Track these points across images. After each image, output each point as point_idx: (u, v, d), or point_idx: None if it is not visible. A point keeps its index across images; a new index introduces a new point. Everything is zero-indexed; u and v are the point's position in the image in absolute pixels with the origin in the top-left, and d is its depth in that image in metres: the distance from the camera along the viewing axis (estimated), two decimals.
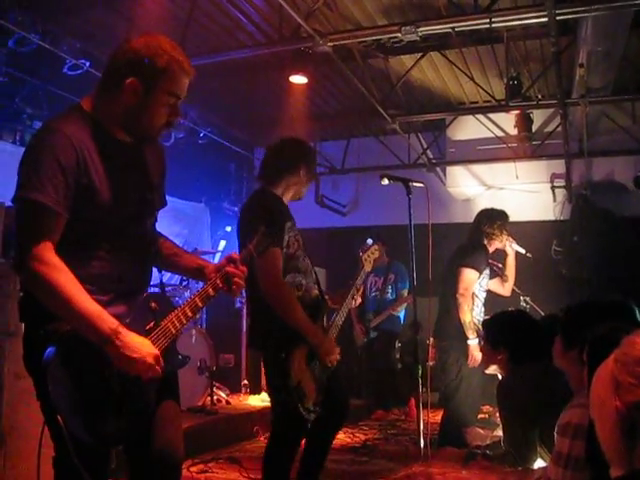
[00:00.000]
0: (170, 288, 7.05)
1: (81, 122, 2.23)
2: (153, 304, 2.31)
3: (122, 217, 2.29)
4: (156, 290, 2.56)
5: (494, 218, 5.67)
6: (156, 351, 2.16)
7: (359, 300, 3.97)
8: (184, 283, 7.25)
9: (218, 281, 2.44)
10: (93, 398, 2.11)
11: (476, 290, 5.42)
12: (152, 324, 2.23)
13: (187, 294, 7.09)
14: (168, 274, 4.98)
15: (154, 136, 2.39)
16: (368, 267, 3.94)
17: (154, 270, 2.54)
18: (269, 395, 3.66)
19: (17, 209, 2.13)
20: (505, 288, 5.92)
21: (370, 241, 4.01)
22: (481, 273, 5.46)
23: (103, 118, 2.28)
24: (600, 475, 1.63)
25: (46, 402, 2.12)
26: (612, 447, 1.49)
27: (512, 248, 5.83)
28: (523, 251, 5.97)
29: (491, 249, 5.66)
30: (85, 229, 2.21)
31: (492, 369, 3.65)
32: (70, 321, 2.10)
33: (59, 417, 2.04)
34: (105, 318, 2.09)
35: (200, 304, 2.39)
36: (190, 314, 2.35)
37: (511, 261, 5.87)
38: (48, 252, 2.08)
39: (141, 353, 2.11)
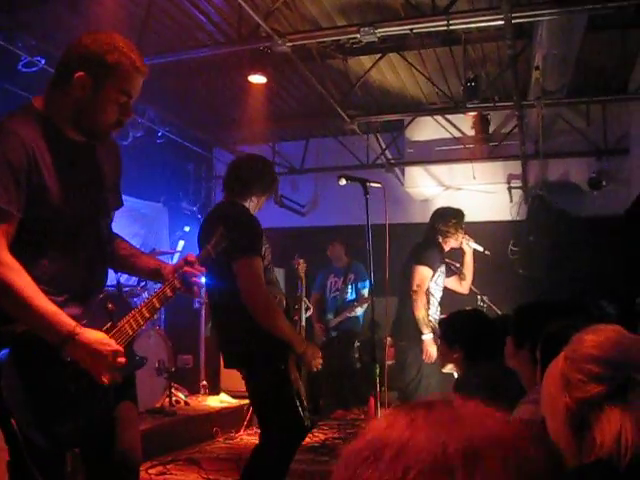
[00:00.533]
0: (127, 289, 6.98)
1: (32, 121, 2.20)
2: (110, 305, 2.29)
3: (75, 217, 2.27)
4: (113, 289, 2.54)
5: (448, 216, 5.73)
6: (117, 346, 2.14)
7: (311, 310, 4.05)
8: (142, 284, 7.18)
9: (176, 282, 2.43)
10: (48, 400, 2.08)
11: (432, 288, 5.48)
12: (109, 325, 2.21)
13: (145, 295, 7.03)
14: (126, 275, 4.94)
15: (104, 134, 2.35)
16: (304, 279, 4.06)
17: (111, 271, 2.52)
18: (262, 411, 3.58)
19: None
20: (463, 286, 5.98)
21: (297, 256, 4.18)
22: (435, 271, 5.51)
23: (54, 117, 2.25)
24: None
25: (0, 404, 2.09)
26: (562, 442, 1.52)
27: (469, 246, 5.90)
28: (481, 249, 6.04)
29: (446, 247, 5.72)
30: (38, 229, 2.18)
31: (449, 368, 3.69)
32: (26, 322, 2.07)
33: (12, 420, 2.01)
34: (62, 318, 2.06)
35: (157, 305, 2.38)
36: (147, 315, 2.34)
37: (469, 259, 5.94)
38: (1, 252, 2.04)
39: (102, 350, 2.09)
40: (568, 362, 1.53)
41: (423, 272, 5.42)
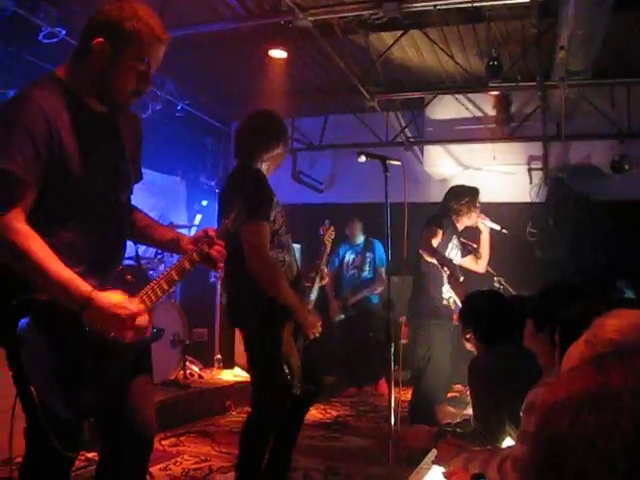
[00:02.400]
0: (145, 261, 7.01)
1: (55, 91, 2.18)
2: (128, 276, 2.30)
3: (96, 189, 2.26)
4: (132, 263, 2.54)
5: (462, 194, 5.67)
6: (137, 308, 2.14)
7: (326, 279, 4.01)
8: (159, 256, 7.22)
9: (195, 255, 2.43)
10: (66, 368, 2.09)
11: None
12: (128, 297, 2.21)
13: (162, 267, 7.06)
14: (143, 247, 4.94)
15: (123, 103, 2.33)
16: (329, 247, 4.00)
17: (130, 243, 2.52)
18: (253, 372, 3.64)
19: None
20: (479, 265, 5.93)
21: (327, 222, 4.09)
22: (444, 234, 5.44)
23: (77, 86, 2.24)
24: None
25: (18, 372, 2.10)
26: None
27: (485, 225, 5.84)
28: (498, 227, 5.98)
29: (460, 226, 5.67)
30: (58, 200, 2.17)
31: (469, 346, 3.69)
32: (44, 287, 2.07)
33: (32, 387, 2.02)
34: (79, 283, 2.06)
35: (176, 277, 2.38)
36: (166, 287, 2.34)
37: (485, 238, 5.88)
38: (18, 221, 2.04)
39: (120, 313, 2.09)
40: (589, 346, 1.50)
41: (430, 232, 5.37)
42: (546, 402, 0.87)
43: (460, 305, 4.45)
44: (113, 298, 2.11)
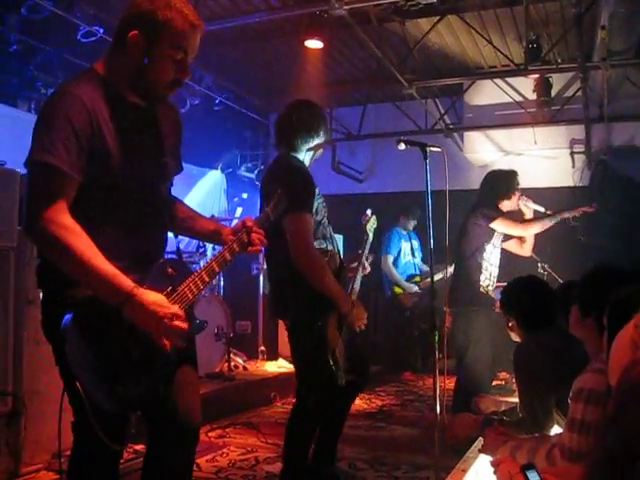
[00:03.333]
0: (187, 255, 7.07)
1: (94, 85, 2.19)
2: (170, 270, 2.29)
3: (137, 182, 2.26)
4: (173, 256, 2.55)
5: (499, 179, 5.58)
6: (175, 309, 2.13)
7: (368, 269, 3.98)
8: (200, 250, 7.26)
9: (235, 245, 2.43)
10: (111, 363, 2.10)
11: (486, 252, 5.35)
12: (169, 289, 2.21)
13: (203, 261, 7.11)
14: (185, 240, 4.95)
15: (162, 94, 2.32)
16: (371, 236, 3.97)
17: (170, 236, 2.53)
18: (298, 364, 3.64)
19: (29, 172, 2.11)
20: (524, 248, 5.82)
21: (369, 211, 4.05)
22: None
23: (115, 80, 2.24)
24: None
25: (64, 367, 2.12)
26: None
27: (528, 207, 5.75)
28: (542, 209, 5.88)
29: (503, 210, 5.58)
30: (99, 194, 2.18)
31: (514, 336, 3.64)
32: (85, 283, 2.08)
33: (77, 383, 2.05)
34: (121, 279, 2.06)
35: (217, 269, 2.38)
36: (207, 279, 2.33)
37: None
38: (61, 215, 2.05)
39: (160, 311, 2.08)
40: (639, 330, 1.47)
41: (501, 222, 5.34)
42: (623, 385, 0.86)
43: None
44: (153, 296, 2.11)
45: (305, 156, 3.64)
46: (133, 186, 2.25)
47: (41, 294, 2.28)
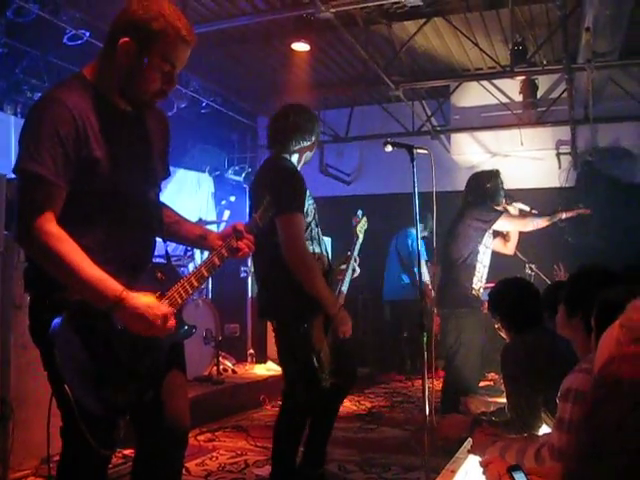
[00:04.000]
0: (175, 258, 7.05)
1: (82, 91, 2.19)
2: (159, 274, 2.30)
3: (125, 188, 2.26)
4: (161, 260, 2.55)
5: (483, 180, 5.59)
6: (165, 309, 2.14)
7: (358, 271, 3.99)
8: (188, 254, 7.25)
9: (223, 250, 2.44)
10: (99, 367, 2.10)
11: (480, 254, 5.38)
12: (158, 294, 2.22)
13: (191, 265, 7.10)
14: (172, 245, 4.94)
15: (148, 103, 2.32)
16: (361, 237, 3.98)
17: (159, 240, 2.53)
18: (283, 364, 3.66)
19: (18, 180, 2.11)
20: (508, 247, 5.86)
21: (360, 213, 4.06)
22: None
23: (102, 85, 2.24)
24: None
25: (53, 372, 2.12)
26: None
27: (514, 207, 5.78)
28: (527, 208, 5.91)
29: None
30: (87, 200, 2.18)
31: (503, 334, 3.66)
32: (75, 288, 2.08)
33: (66, 387, 2.04)
34: (110, 283, 2.07)
35: (206, 274, 2.38)
36: (196, 284, 2.34)
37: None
38: (49, 223, 2.05)
39: (150, 313, 2.09)
40: (624, 330, 1.48)
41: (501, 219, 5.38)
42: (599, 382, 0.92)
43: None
44: (143, 299, 2.11)
45: (296, 158, 3.66)
46: (121, 192, 2.25)
47: (29, 298, 2.27)
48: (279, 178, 3.47)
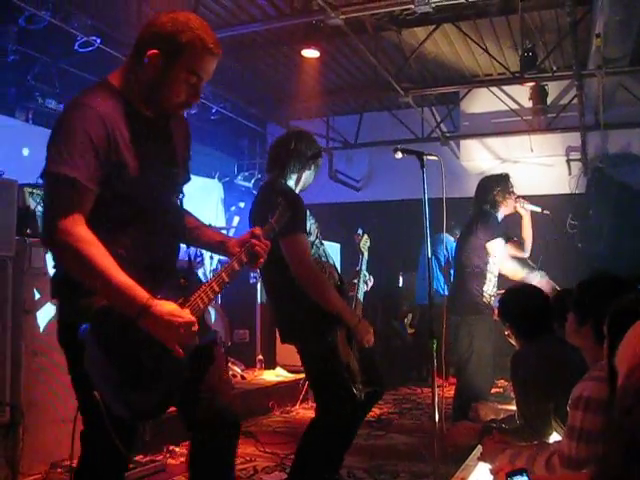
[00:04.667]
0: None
1: (109, 98, 2.23)
2: (182, 280, 2.34)
3: (151, 193, 2.30)
4: (184, 265, 2.59)
5: (492, 185, 5.57)
6: (189, 317, 2.16)
7: (371, 283, 3.99)
8: (197, 259, 7.27)
9: (242, 256, 2.47)
10: (127, 372, 2.13)
11: (490, 264, 5.37)
12: (181, 300, 2.24)
13: (201, 270, 7.11)
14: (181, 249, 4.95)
15: (172, 113, 2.38)
16: (366, 254, 3.99)
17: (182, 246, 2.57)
18: (314, 384, 3.63)
19: (47, 184, 2.13)
20: (524, 249, 5.83)
21: (360, 231, 4.08)
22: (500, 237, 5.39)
23: (129, 94, 2.28)
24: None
25: (79, 376, 2.14)
26: None
27: (525, 209, 5.75)
28: (538, 209, 5.88)
29: (500, 217, 5.58)
30: (115, 205, 2.21)
31: (513, 341, 3.64)
32: (102, 294, 2.11)
33: (96, 392, 2.06)
34: (137, 291, 2.09)
35: (226, 279, 2.41)
36: (217, 289, 2.38)
37: (527, 222, 5.78)
38: (79, 226, 2.08)
39: (174, 321, 2.11)
40: None
41: (497, 245, 5.33)
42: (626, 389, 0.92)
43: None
44: (167, 307, 2.13)
45: (293, 182, 3.65)
46: (147, 197, 2.29)
47: (57, 303, 2.32)
48: (278, 200, 3.47)
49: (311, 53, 7.44)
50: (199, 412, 2.39)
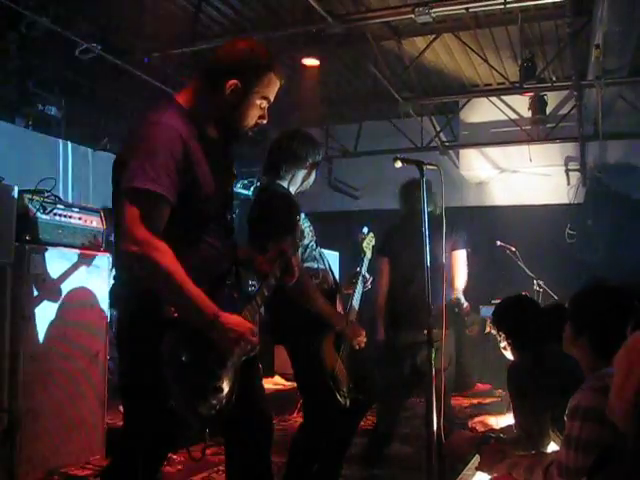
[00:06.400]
0: None
1: (181, 117, 2.32)
2: (235, 294, 2.49)
3: (215, 210, 2.43)
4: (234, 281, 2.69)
5: (414, 189, 5.30)
6: (252, 325, 2.31)
7: (368, 285, 3.97)
8: None
9: (277, 271, 2.65)
10: (201, 383, 2.23)
11: None
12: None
13: None
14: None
15: (243, 135, 2.53)
16: (368, 254, 3.96)
17: None
18: (299, 385, 3.65)
19: (130, 197, 2.16)
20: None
21: (366, 229, 4.05)
22: None
23: (199, 115, 2.39)
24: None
25: (140, 386, 2.26)
26: (623, 422, 1.49)
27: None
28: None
29: None
30: (184, 220, 2.29)
31: (507, 354, 3.63)
32: (175, 304, 2.19)
33: (172, 403, 2.14)
34: (208, 302, 2.19)
35: (266, 293, 2.61)
36: (260, 302, 2.57)
37: None
38: (159, 239, 2.15)
39: (241, 331, 2.24)
40: None
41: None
42: None
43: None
44: (234, 318, 2.25)
45: (292, 184, 3.62)
46: (212, 213, 2.42)
47: (121, 315, 2.46)
48: (270, 204, 3.47)
49: (311, 62, 7.46)
50: (243, 412, 2.48)
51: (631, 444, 1.46)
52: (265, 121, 2.53)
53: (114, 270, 2.48)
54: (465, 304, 5.24)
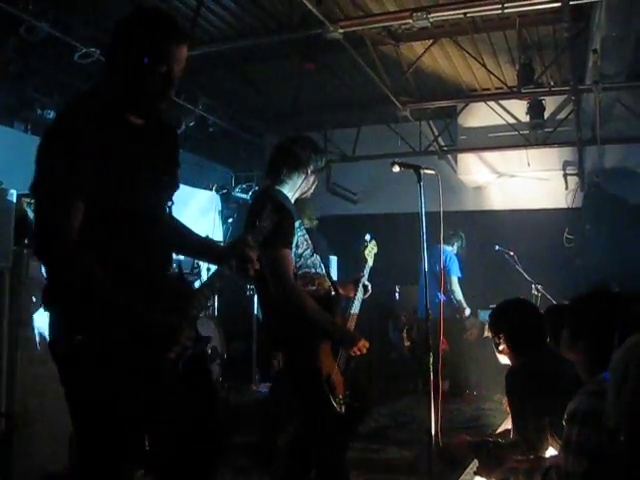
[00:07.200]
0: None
1: (98, 107, 2.23)
2: (176, 285, 2.41)
3: (141, 203, 2.30)
4: (175, 273, 2.60)
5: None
6: (175, 324, 2.20)
7: (369, 291, 3.93)
8: (195, 270, 7.26)
9: (232, 261, 2.47)
10: (128, 385, 2.16)
11: None
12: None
13: (198, 281, 7.10)
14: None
15: (151, 108, 2.34)
16: (370, 262, 3.93)
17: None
18: (294, 392, 3.63)
19: (43, 195, 2.13)
20: None
21: (368, 237, 4.02)
22: None
23: (114, 99, 2.28)
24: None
25: (80, 390, 2.25)
26: None
27: None
28: None
29: None
30: (105, 214, 2.21)
31: (503, 359, 3.62)
32: (101, 305, 2.13)
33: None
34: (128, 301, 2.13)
35: (217, 284, 2.45)
36: (208, 294, 2.43)
37: None
38: (74, 236, 2.09)
39: (167, 324, 2.18)
40: None
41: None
42: None
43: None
44: (156, 316, 2.16)
45: (288, 188, 3.58)
46: (138, 206, 2.29)
47: (51, 315, 2.31)
48: (264, 214, 3.43)
49: (309, 66, 7.47)
50: (186, 425, 2.37)
51: (625, 444, 1.46)
52: (172, 89, 2.31)
53: None
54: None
